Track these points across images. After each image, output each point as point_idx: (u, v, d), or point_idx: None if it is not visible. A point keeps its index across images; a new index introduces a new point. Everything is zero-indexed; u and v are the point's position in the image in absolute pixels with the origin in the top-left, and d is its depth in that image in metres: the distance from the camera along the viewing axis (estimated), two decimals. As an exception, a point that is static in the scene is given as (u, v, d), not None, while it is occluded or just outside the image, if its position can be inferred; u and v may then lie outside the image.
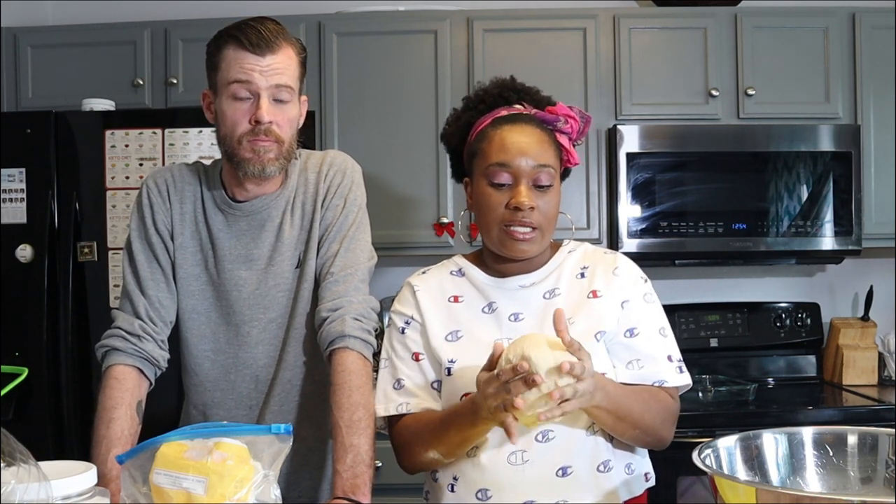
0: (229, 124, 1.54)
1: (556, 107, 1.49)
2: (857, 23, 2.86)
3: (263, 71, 1.51)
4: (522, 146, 1.42)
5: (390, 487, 2.16)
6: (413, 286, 1.54)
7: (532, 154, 1.42)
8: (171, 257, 1.63)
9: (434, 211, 2.86)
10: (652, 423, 1.41)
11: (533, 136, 1.44)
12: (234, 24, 1.55)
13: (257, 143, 1.53)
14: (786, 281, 3.24)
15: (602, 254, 1.54)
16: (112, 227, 2.57)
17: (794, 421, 2.52)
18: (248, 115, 1.52)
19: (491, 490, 1.39)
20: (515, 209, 1.41)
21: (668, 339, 1.49)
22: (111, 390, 1.52)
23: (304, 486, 1.66)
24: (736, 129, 2.84)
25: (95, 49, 2.91)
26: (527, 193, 1.41)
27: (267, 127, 1.52)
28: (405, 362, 1.49)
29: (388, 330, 1.55)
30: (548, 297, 1.48)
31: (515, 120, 1.47)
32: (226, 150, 1.56)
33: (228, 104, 1.53)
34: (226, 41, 1.53)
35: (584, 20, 2.89)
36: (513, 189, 1.42)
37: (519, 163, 1.42)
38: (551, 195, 1.44)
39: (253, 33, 1.51)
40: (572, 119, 1.48)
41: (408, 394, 1.47)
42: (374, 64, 2.87)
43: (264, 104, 1.51)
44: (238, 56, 1.51)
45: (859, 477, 1.24)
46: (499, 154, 1.43)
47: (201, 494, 1.08)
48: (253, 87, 1.51)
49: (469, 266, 1.55)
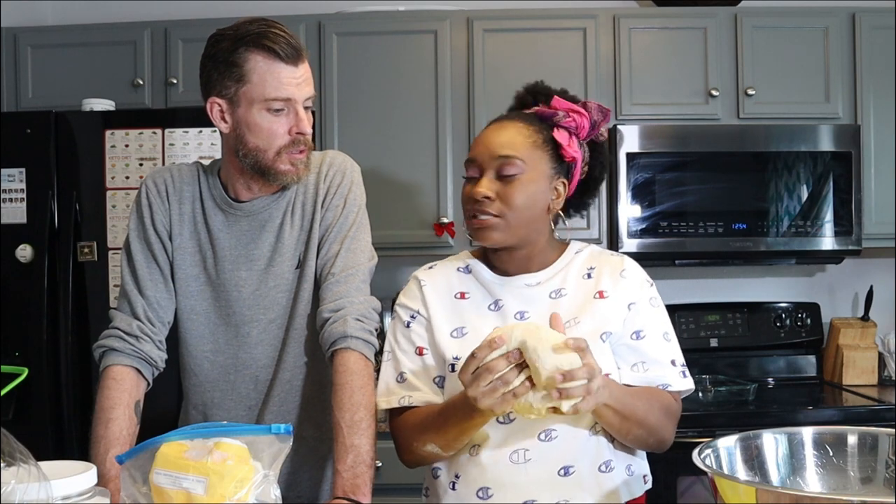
0: (265, 138, 1.52)
1: (554, 100, 1.50)
2: (857, 23, 2.86)
3: (299, 83, 1.51)
4: (489, 140, 1.47)
5: (390, 487, 2.16)
6: (420, 280, 1.55)
7: (495, 146, 1.45)
8: (169, 258, 1.63)
9: (434, 211, 2.85)
10: (655, 423, 1.42)
11: (509, 130, 1.47)
12: (245, 28, 1.51)
13: (296, 157, 1.54)
14: (786, 281, 3.24)
15: (609, 255, 1.54)
16: (112, 227, 2.57)
17: (794, 421, 2.52)
18: (287, 127, 1.52)
19: (492, 489, 1.40)
20: (474, 200, 1.45)
21: (672, 343, 1.49)
22: (109, 391, 1.52)
23: (304, 486, 1.66)
24: (736, 129, 2.84)
25: (95, 49, 2.91)
26: (485, 185, 1.44)
27: (305, 137, 1.54)
28: (408, 356, 1.50)
29: (393, 323, 1.55)
30: (554, 296, 1.48)
31: (501, 118, 1.51)
32: (257, 161, 1.54)
33: (264, 117, 1.51)
34: (250, 50, 1.49)
35: (584, 20, 2.89)
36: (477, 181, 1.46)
37: (482, 156, 1.46)
38: (516, 186, 1.44)
39: (283, 41, 1.49)
40: (575, 113, 1.48)
41: (410, 387, 1.48)
42: (374, 64, 2.87)
43: (304, 116, 1.53)
44: (273, 69, 1.49)
45: (859, 477, 1.25)
46: (471, 151, 1.50)
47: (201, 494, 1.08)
48: (291, 101, 1.51)
49: (476, 263, 1.55)
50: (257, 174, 1.56)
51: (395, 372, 1.50)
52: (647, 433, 1.42)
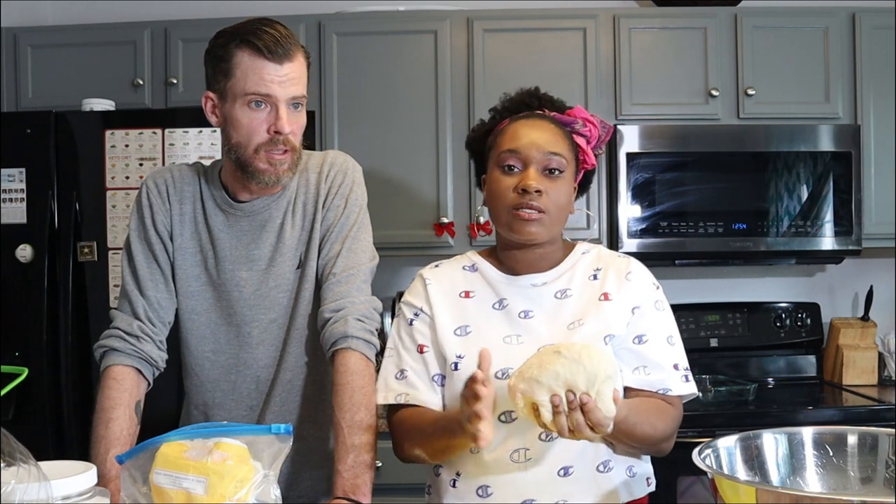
0: (245, 133, 1.52)
1: (575, 109, 1.52)
2: (857, 23, 2.86)
3: (282, 81, 1.50)
4: (534, 135, 1.46)
5: (390, 487, 2.16)
6: (425, 278, 1.55)
7: (542, 142, 1.45)
8: (170, 258, 1.63)
9: (434, 211, 2.85)
10: (656, 440, 1.44)
11: (546, 129, 1.48)
12: (243, 26, 1.52)
13: (274, 157, 1.53)
14: (786, 281, 3.24)
15: (616, 257, 1.54)
16: (112, 227, 2.57)
17: (794, 421, 2.52)
18: (266, 124, 1.51)
19: (492, 487, 1.40)
20: (523, 191, 1.43)
21: (676, 347, 1.49)
22: (109, 391, 1.52)
23: (304, 486, 1.66)
24: (736, 129, 2.84)
25: (95, 49, 2.91)
26: (535, 176, 1.43)
27: (285, 137, 1.52)
28: (410, 353, 1.50)
29: (397, 320, 1.56)
30: (559, 296, 1.49)
31: (531, 116, 1.51)
32: (238, 157, 1.54)
33: (244, 113, 1.51)
34: (238, 46, 1.50)
35: (584, 20, 2.89)
36: (522, 173, 1.45)
37: (529, 148, 1.45)
38: (561, 183, 1.45)
39: (269, 39, 1.48)
40: (590, 123, 1.51)
41: (409, 385, 1.48)
42: (374, 64, 2.87)
43: (284, 115, 1.51)
44: (255, 65, 1.49)
45: (859, 477, 1.25)
46: (510, 142, 1.47)
47: (201, 494, 1.08)
48: (272, 98, 1.50)
49: (482, 262, 1.56)
50: (239, 171, 1.56)
51: (395, 368, 1.51)
52: (646, 448, 1.46)
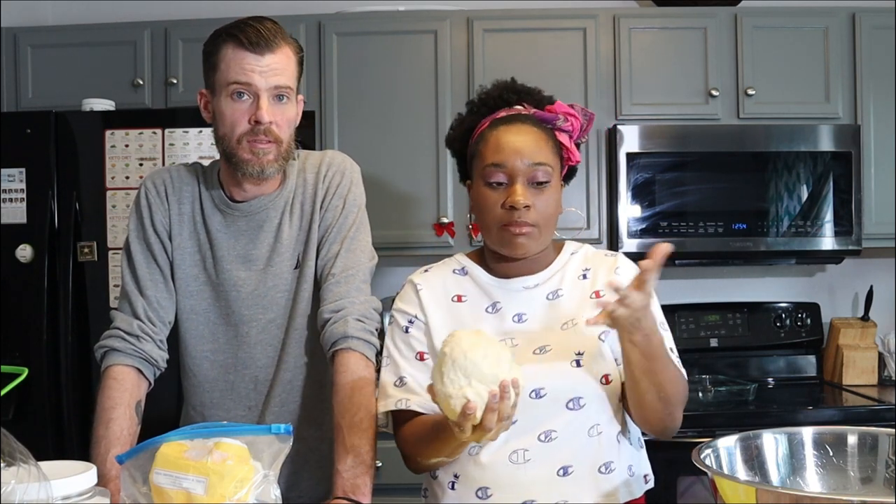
0: (228, 124, 1.53)
1: (555, 105, 1.49)
2: (857, 23, 2.86)
3: (263, 71, 1.51)
4: (517, 145, 1.42)
5: (390, 487, 2.16)
6: (416, 284, 1.54)
7: (527, 153, 1.42)
8: (169, 258, 1.63)
9: (434, 211, 2.85)
10: (673, 394, 1.36)
11: (529, 134, 1.44)
12: (231, 24, 1.54)
13: (256, 146, 1.53)
14: (786, 281, 3.24)
15: (603, 255, 1.54)
16: (112, 227, 2.57)
17: (794, 421, 2.52)
18: (248, 115, 1.52)
19: (491, 489, 1.40)
20: (511, 208, 1.41)
21: (667, 333, 1.47)
22: (110, 391, 1.52)
23: (304, 486, 1.66)
24: (736, 129, 2.84)
25: (95, 49, 2.91)
26: (522, 192, 1.40)
27: (266, 127, 1.52)
28: (409, 361, 1.49)
29: (391, 328, 1.54)
30: (551, 297, 1.48)
31: (512, 121, 1.47)
32: (224, 149, 1.56)
33: (227, 104, 1.53)
34: (224, 40, 1.53)
35: (584, 20, 2.89)
36: (509, 188, 1.42)
37: (514, 162, 1.41)
38: (549, 193, 1.43)
39: (252, 32, 1.51)
40: (572, 117, 1.48)
41: (408, 391, 1.47)
42: (373, 64, 2.87)
43: (264, 104, 1.51)
44: (237, 56, 1.51)
45: (859, 477, 1.25)
46: (494, 155, 1.43)
47: (201, 494, 1.08)
48: (252, 87, 1.51)
49: (472, 265, 1.55)
50: (227, 163, 1.57)
51: (394, 377, 1.49)
52: (663, 403, 1.35)
